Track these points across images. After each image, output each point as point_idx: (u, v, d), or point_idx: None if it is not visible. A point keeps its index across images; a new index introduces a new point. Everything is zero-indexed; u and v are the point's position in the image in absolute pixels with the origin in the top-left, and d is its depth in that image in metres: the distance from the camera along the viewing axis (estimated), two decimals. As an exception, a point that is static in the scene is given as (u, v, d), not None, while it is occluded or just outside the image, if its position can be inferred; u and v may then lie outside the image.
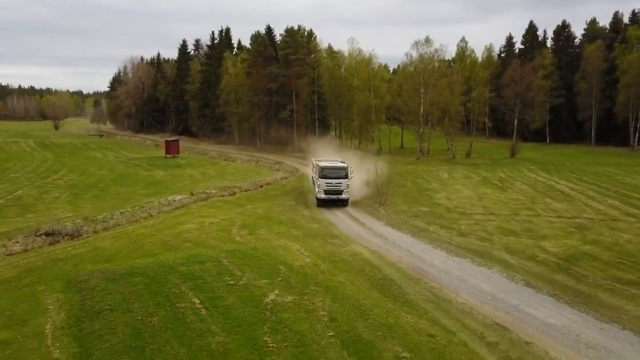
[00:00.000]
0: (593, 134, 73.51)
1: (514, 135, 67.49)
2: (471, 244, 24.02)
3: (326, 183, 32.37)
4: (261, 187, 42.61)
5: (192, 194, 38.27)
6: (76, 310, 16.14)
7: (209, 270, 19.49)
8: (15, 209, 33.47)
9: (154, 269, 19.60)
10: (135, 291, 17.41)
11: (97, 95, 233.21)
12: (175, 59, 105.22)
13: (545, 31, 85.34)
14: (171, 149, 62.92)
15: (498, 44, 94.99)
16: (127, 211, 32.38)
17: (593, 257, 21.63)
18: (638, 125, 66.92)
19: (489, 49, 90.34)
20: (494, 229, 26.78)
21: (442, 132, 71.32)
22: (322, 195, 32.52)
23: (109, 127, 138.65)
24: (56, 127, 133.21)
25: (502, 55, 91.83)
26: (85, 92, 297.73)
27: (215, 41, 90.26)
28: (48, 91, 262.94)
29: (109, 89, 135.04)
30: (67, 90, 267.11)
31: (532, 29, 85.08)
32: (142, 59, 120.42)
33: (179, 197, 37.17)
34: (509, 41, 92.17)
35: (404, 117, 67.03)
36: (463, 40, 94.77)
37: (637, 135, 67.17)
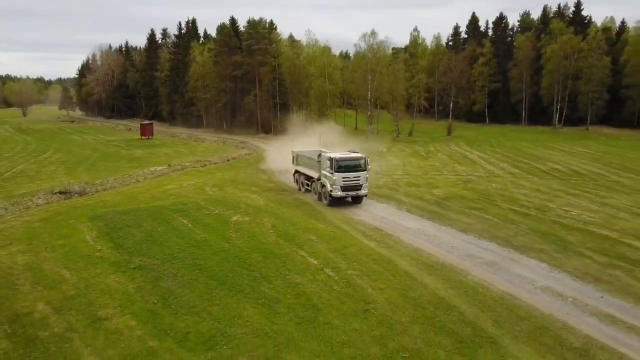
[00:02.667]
0: (524, 115, 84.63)
1: (450, 116, 77.84)
2: (383, 191, 33.61)
3: (343, 178, 28.35)
4: (228, 160, 51.42)
5: (169, 165, 46.87)
6: (103, 228, 24.89)
7: (190, 207, 28.49)
8: (24, 179, 41.46)
9: (151, 208, 28.49)
10: (142, 218, 26.28)
11: (61, 82, 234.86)
12: (144, 47, 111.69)
13: (487, 21, 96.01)
14: (146, 131, 70.70)
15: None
16: (118, 178, 40.86)
17: (462, 197, 31.54)
18: (559, 107, 78.10)
19: (437, 38, 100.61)
20: (403, 183, 36.51)
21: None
22: (339, 193, 28.52)
23: (78, 113, 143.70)
24: (24, 114, 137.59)
25: (450, 43, 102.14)
26: (47, 78, 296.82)
27: (183, 31, 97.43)
28: (8, 78, 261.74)
29: (77, 76, 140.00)
30: (28, 77, 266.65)
31: (474, 20, 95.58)
32: (110, 47, 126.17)
33: (159, 168, 45.73)
34: (456, 30, 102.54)
35: (355, 101, 76.43)
36: (416, 29, 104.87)
37: (558, 116, 78.39)
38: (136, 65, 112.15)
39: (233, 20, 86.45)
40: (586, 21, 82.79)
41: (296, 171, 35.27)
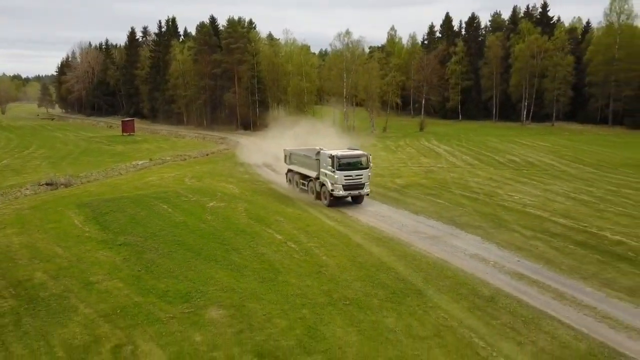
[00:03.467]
0: (494, 112, 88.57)
1: (422, 113, 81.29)
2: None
3: (345, 177, 27.79)
4: (207, 155, 54.04)
5: (151, 159, 49.34)
6: (90, 214, 27.40)
7: (170, 195, 31.15)
8: (10, 172, 43.58)
9: (134, 196, 31.09)
10: (125, 204, 28.87)
11: (39, 79, 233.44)
12: (124, 45, 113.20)
13: (460, 21, 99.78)
14: (127, 127, 72.80)
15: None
16: (102, 171, 43.24)
17: (421, 185, 34.72)
18: (527, 104, 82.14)
19: (412, 37, 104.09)
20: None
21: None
22: (341, 192, 28.05)
23: (58, 110, 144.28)
24: (3, 112, 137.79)
25: (425, 42, 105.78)
26: (24, 75, 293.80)
27: (163, 29, 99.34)
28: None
29: (56, 73, 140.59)
30: (4, 74, 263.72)
31: (447, 20, 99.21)
32: (90, 44, 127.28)
33: (140, 162, 48.16)
34: (431, 30, 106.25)
35: (331, 98, 79.42)
36: (393, 28, 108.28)
37: (525, 113, 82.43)
38: (116, 63, 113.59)
39: (212, 19, 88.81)
40: (552, 22, 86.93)
41: (289, 170, 34.12)
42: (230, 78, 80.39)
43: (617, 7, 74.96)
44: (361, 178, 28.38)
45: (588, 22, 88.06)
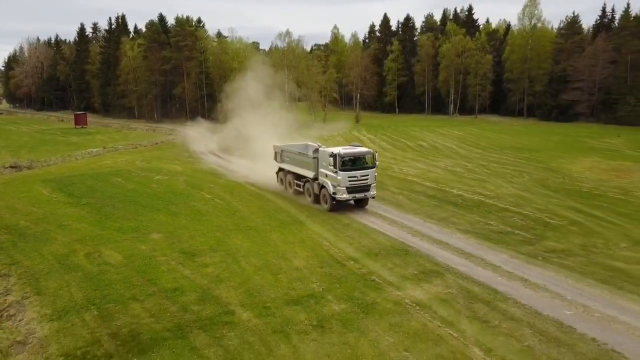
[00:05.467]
0: (427, 106, 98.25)
1: (357, 106, 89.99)
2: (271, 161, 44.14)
3: (349, 178, 25.26)
4: (157, 144, 60.48)
5: (104, 147, 55.46)
6: (55, 186, 33.99)
7: (123, 172, 38.03)
8: (-27, 159, 48.90)
9: (91, 172, 37.87)
10: (84, 179, 35.62)
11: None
12: (74, 41, 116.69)
13: (398, 21, 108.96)
14: (80, 120, 77.84)
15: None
16: (59, 157, 49.21)
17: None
18: (453, 98, 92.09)
19: (354, 36, 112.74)
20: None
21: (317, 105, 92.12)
22: (344, 196, 25.50)
23: (6, 105, 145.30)
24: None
25: (366, 40, 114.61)
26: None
27: (113, 26, 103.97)
28: None
29: (3, 68, 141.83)
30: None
31: (385, 20, 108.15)
32: (38, 39, 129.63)
33: (95, 149, 54.23)
34: (372, 29, 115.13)
35: (274, 93, 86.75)
36: (335, 27, 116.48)
37: (452, 106, 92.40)
38: (66, 58, 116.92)
39: (162, 18, 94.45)
40: (477, 24, 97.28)
41: (281, 169, 31.86)
42: (180, 74, 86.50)
43: (529, 12, 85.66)
44: (367, 179, 25.74)
45: (509, 24, 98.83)
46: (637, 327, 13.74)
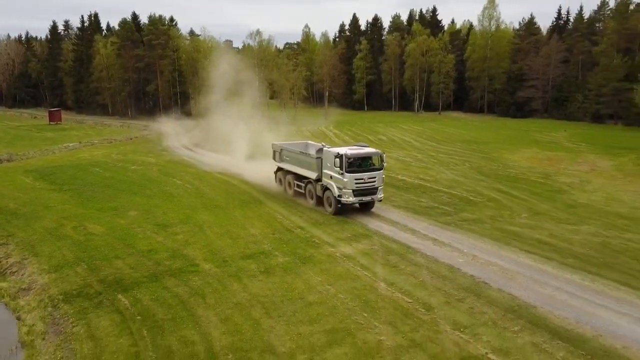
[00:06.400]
0: (394, 103, 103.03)
1: (326, 103, 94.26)
2: (241, 154, 48.01)
3: (356, 180, 24.38)
4: (131, 139, 63.64)
5: (80, 142, 58.45)
6: (37, 175, 37.27)
7: (101, 163, 41.45)
8: (-47, 153, 51.46)
9: (71, 164, 41.14)
10: (64, 169, 38.96)
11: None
12: (45, 38, 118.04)
13: (367, 21, 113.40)
14: (54, 117, 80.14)
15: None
16: (37, 151, 52.13)
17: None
18: (418, 96, 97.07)
19: (324, 35, 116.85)
20: (262, 149, 51.16)
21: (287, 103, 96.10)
22: (351, 199, 24.56)
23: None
24: None
25: (337, 39, 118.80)
26: None
27: (85, 24, 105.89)
28: None
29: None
30: None
31: (355, 20, 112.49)
32: (9, 36, 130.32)
33: (71, 144, 57.20)
34: (342, 28, 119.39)
35: (245, 90, 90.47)
36: (307, 26, 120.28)
37: (418, 103, 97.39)
38: (38, 55, 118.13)
39: (135, 16, 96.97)
40: (441, 24, 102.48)
41: (280, 169, 31.05)
42: (153, 71, 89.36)
43: (488, 14, 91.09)
44: (374, 181, 24.82)
45: (471, 25, 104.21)
46: (507, 268, 18.18)
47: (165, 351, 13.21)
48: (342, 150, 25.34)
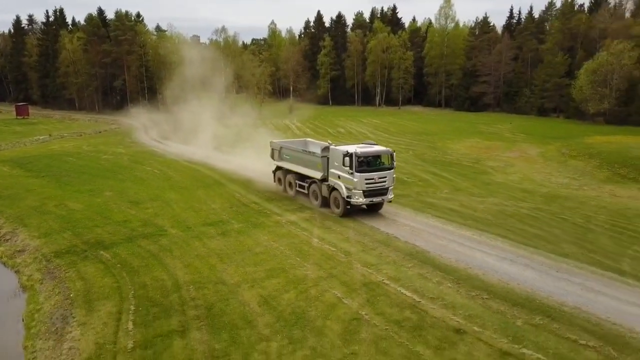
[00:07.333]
0: (357, 98, 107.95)
1: (290, 98, 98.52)
2: (206, 145, 51.89)
3: (366, 180, 23.71)
4: (100, 132, 66.64)
5: (50, 135, 61.23)
6: (14, 165, 40.44)
7: (74, 154, 44.81)
8: None
9: (45, 154, 44.38)
10: (39, 158, 42.23)
11: None
12: (8, 32, 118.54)
13: (331, 18, 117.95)
14: (22, 111, 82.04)
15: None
16: (8, 144, 54.86)
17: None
18: (379, 91, 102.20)
19: (290, 32, 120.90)
20: (226, 141, 55.14)
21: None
22: (361, 200, 23.88)
23: None
24: None
25: (302, 36, 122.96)
26: None
27: (50, 19, 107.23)
28: None
29: None
30: None
31: (319, 17, 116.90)
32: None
33: (41, 137, 59.97)
34: (307, 25, 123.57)
35: (212, 86, 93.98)
36: (273, 22, 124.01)
37: (379, 98, 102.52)
38: (1, 49, 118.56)
39: (100, 11, 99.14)
40: (401, 22, 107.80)
41: (279, 168, 30.35)
42: (120, 67, 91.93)
43: (444, 13, 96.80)
44: (385, 181, 24.20)
45: (431, 22, 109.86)
46: (417, 228, 22.91)
47: (141, 285, 17.38)
48: (351, 148, 24.11)
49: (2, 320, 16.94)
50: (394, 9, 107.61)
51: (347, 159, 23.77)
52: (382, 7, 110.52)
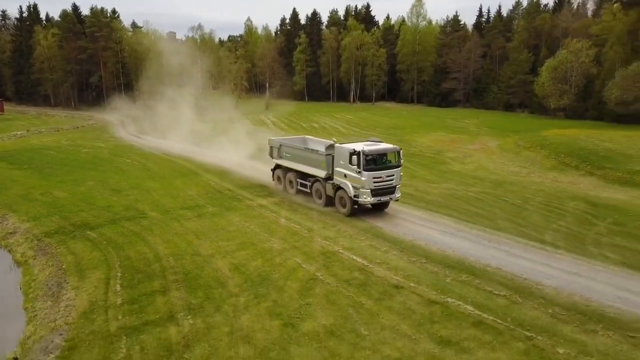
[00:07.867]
0: (332, 94, 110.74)
1: (267, 94, 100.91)
2: (181, 137, 54.05)
3: (374, 178, 23.42)
4: (77, 128, 68.12)
5: (28, 130, 62.59)
6: (2, 159, 42.21)
7: (54, 148, 46.61)
8: None
9: (25, 148, 46.09)
10: (21, 152, 43.98)
11: None
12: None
13: (306, 15, 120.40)
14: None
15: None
16: (-13, 139, 56.18)
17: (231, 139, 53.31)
18: (353, 87, 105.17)
19: (265, 29, 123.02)
20: (203, 135, 57.35)
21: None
22: (369, 199, 23.58)
23: None
24: None
25: (278, 33, 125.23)
26: None
27: (24, 14, 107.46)
28: None
29: None
30: None
31: (295, 14, 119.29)
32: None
33: (19, 132, 61.31)
34: (283, 22, 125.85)
35: (188, 82, 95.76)
36: (249, 19, 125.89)
37: (353, 94, 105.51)
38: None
39: (75, 7, 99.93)
40: (374, 20, 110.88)
41: (279, 166, 29.71)
42: (96, 63, 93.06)
43: (416, 11, 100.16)
44: (392, 180, 23.96)
45: (403, 20, 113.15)
46: (372, 209, 25.74)
47: (126, 257, 19.82)
48: (358, 146, 23.69)
49: (1, 290, 19.22)
50: (368, 7, 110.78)
51: (354, 157, 23.30)
52: (356, 5, 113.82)
